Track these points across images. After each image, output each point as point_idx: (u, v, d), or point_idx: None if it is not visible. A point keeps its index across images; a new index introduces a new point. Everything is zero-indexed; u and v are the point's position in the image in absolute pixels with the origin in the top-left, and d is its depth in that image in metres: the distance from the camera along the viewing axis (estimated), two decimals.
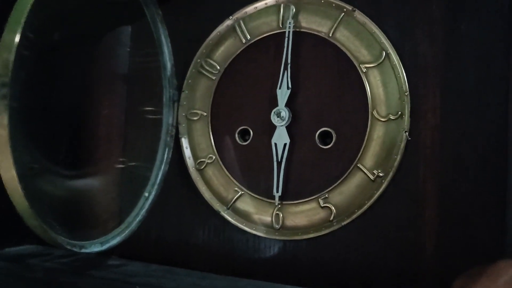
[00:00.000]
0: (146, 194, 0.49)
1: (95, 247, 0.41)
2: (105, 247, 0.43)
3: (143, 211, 0.48)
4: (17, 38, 0.32)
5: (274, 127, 0.48)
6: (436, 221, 0.43)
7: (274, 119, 0.48)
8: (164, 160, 0.51)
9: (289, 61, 0.48)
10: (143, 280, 0.44)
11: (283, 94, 0.47)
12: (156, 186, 0.50)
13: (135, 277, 0.45)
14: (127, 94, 0.57)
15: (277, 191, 0.48)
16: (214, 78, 0.52)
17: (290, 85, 0.47)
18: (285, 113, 0.47)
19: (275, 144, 0.48)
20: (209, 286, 0.43)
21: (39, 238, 0.56)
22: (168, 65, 0.52)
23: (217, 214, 0.51)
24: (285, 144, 0.47)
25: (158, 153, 0.51)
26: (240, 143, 0.51)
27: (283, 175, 0.47)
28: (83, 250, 0.40)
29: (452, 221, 0.43)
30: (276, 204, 0.48)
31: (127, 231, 0.46)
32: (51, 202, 0.41)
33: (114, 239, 0.44)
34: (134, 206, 0.48)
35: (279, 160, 0.48)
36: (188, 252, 0.52)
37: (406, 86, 0.45)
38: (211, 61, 0.52)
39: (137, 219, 0.47)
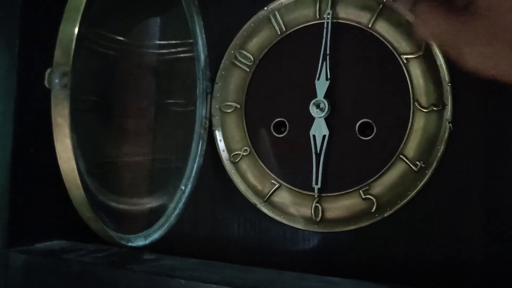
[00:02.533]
0: (183, 187, 0.48)
1: (140, 241, 0.41)
2: (148, 241, 0.42)
3: (181, 204, 0.48)
4: (76, 28, 0.31)
5: (311, 119, 0.48)
6: (481, 212, 0.43)
7: (313, 111, 0.47)
8: (199, 153, 0.51)
9: (328, 52, 0.47)
10: (184, 274, 0.43)
11: (322, 85, 0.47)
12: (191, 179, 0.49)
13: (175, 270, 0.45)
14: (156, 87, 0.56)
15: (317, 183, 0.47)
16: (248, 69, 0.52)
17: (329, 76, 0.47)
18: (324, 104, 0.47)
19: (314, 136, 0.47)
20: (254, 278, 0.42)
21: (67, 234, 0.56)
22: (202, 56, 0.51)
23: (253, 207, 0.50)
24: (324, 136, 0.47)
25: (192, 146, 0.51)
26: (276, 135, 0.50)
27: (323, 167, 0.47)
28: (129, 244, 0.39)
29: (497, 212, 0.43)
30: (316, 196, 0.47)
31: (167, 225, 0.45)
32: (99, 196, 0.40)
33: (156, 233, 0.43)
34: (172, 200, 0.47)
35: (318, 152, 0.47)
36: (223, 246, 0.52)
37: (448, 76, 0.44)
38: (245, 53, 0.52)
39: (175, 213, 0.47)
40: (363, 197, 0.46)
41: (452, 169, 0.44)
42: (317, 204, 0.48)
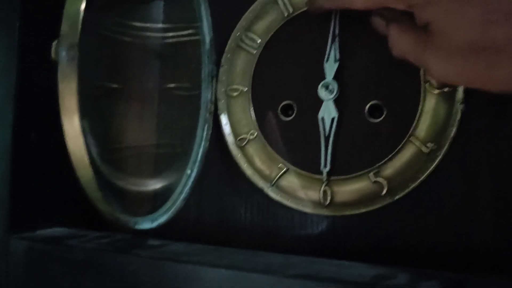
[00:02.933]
0: (189, 172, 0.47)
1: (146, 224, 0.40)
2: (155, 224, 0.41)
3: (187, 189, 0.47)
4: (83, 4, 0.30)
5: (319, 101, 0.47)
6: (493, 196, 0.43)
7: (322, 93, 0.46)
8: (204, 137, 0.50)
9: (337, 32, 0.46)
10: (192, 259, 0.43)
11: (331, 67, 0.46)
12: (197, 164, 0.48)
13: (182, 255, 0.44)
14: (160, 70, 0.55)
15: (325, 166, 0.46)
16: (254, 52, 0.51)
17: (338, 58, 0.46)
18: (333, 86, 0.46)
19: (322, 118, 0.47)
20: (263, 262, 0.41)
21: (69, 221, 0.55)
22: (207, 38, 0.50)
23: (260, 191, 0.49)
24: (333, 118, 0.46)
25: (197, 130, 0.50)
26: (283, 118, 0.49)
27: (331, 150, 0.46)
28: (136, 226, 0.38)
29: (509, 196, 0.42)
30: (324, 179, 0.47)
31: (173, 209, 0.44)
32: (106, 177, 0.39)
33: (162, 217, 0.42)
34: (178, 184, 0.46)
35: (327, 134, 0.46)
36: (229, 231, 0.51)
37: None
38: (252, 35, 0.51)
39: (182, 197, 0.46)
40: (373, 180, 0.45)
41: (464, 152, 0.43)
42: (326, 188, 0.47)
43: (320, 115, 0.46)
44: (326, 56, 0.46)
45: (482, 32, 0.31)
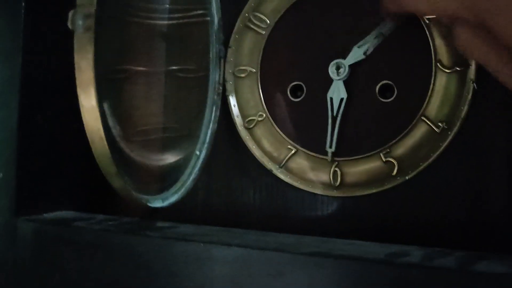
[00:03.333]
0: (198, 153, 0.47)
1: (157, 203, 0.40)
2: (166, 203, 0.41)
3: (196, 170, 0.46)
4: None
5: (329, 82, 0.47)
6: (505, 174, 0.42)
7: (333, 73, 0.46)
8: (212, 119, 0.49)
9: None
10: (204, 238, 0.42)
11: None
12: (206, 145, 0.48)
13: (193, 235, 0.43)
14: (166, 52, 0.54)
15: (330, 147, 0.46)
16: (263, 32, 0.50)
17: None
18: (344, 66, 0.46)
19: (331, 98, 0.46)
20: (275, 242, 0.41)
21: (75, 205, 0.54)
22: (216, 19, 0.50)
23: (269, 173, 0.49)
24: (341, 99, 0.46)
25: (205, 112, 0.49)
26: (292, 99, 0.49)
27: (338, 131, 0.46)
28: (148, 204, 0.38)
29: None
30: (329, 160, 0.46)
31: (183, 189, 0.44)
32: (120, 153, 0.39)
33: (173, 196, 0.42)
34: (187, 165, 0.46)
35: (335, 115, 0.46)
36: (238, 213, 0.51)
37: None
38: (260, 15, 0.50)
39: (191, 178, 0.45)
40: (384, 160, 0.45)
41: (475, 130, 0.43)
42: (336, 169, 0.47)
43: (329, 95, 0.46)
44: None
45: None
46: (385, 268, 0.35)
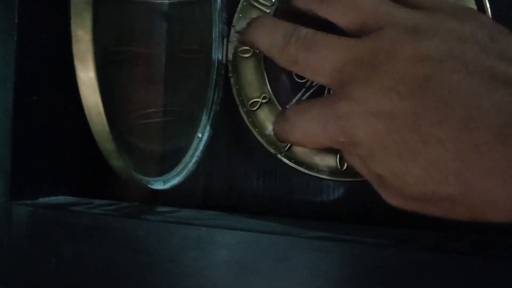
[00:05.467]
0: (200, 135, 0.45)
1: (159, 185, 0.38)
2: (167, 185, 0.39)
3: (198, 152, 0.45)
4: None
5: None
6: None
7: None
8: (215, 101, 0.48)
9: None
10: (206, 223, 0.41)
11: None
12: (208, 127, 0.46)
13: (195, 220, 0.42)
14: (167, 32, 0.53)
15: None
16: (268, 10, 0.48)
17: None
18: None
19: None
20: (281, 226, 0.40)
21: (72, 190, 0.52)
22: None
23: (272, 157, 0.48)
24: None
25: (207, 93, 0.48)
26: (298, 80, 0.47)
27: None
28: (149, 186, 0.36)
29: None
30: None
31: (185, 171, 0.42)
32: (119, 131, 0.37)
33: (175, 179, 0.40)
34: (189, 148, 0.44)
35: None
36: (240, 199, 0.49)
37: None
38: None
39: (193, 160, 0.44)
40: None
41: None
42: None
43: None
44: None
45: (430, 189, 0.30)
46: (395, 252, 0.34)
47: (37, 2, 0.46)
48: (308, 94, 0.45)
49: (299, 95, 0.45)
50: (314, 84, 0.45)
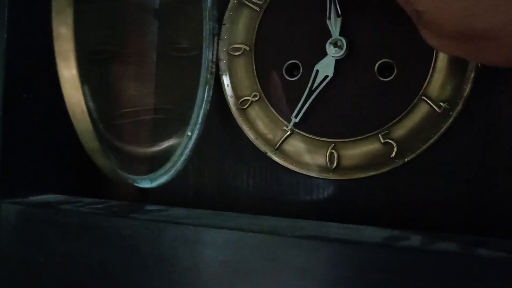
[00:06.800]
0: (189, 133, 0.45)
1: (145, 183, 0.38)
2: (154, 184, 0.39)
3: (187, 151, 0.44)
4: None
5: None
6: (509, 157, 0.41)
7: (330, 50, 0.44)
8: (205, 99, 0.47)
9: None
10: (194, 221, 0.40)
11: (334, 23, 0.44)
12: (198, 126, 0.46)
13: (184, 219, 0.42)
14: (157, 30, 0.52)
15: (296, 117, 0.45)
16: (258, 9, 0.48)
17: (340, 13, 0.44)
18: (342, 42, 0.44)
19: (317, 71, 0.44)
20: (269, 225, 0.39)
21: (61, 188, 0.52)
22: None
23: (263, 155, 0.47)
24: (326, 76, 0.44)
25: (198, 92, 0.47)
26: (288, 78, 0.47)
27: (309, 105, 0.45)
28: (136, 184, 0.36)
29: None
30: (288, 129, 0.45)
31: (173, 170, 0.42)
32: (104, 130, 0.37)
33: (162, 177, 0.40)
34: (178, 146, 0.44)
35: (313, 88, 0.44)
36: (231, 197, 0.49)
37: None
38: None
39: (182, 158, 0.43)
40: (383, 141, 0.43)
41: (479, 111, 0.41)
42: (332, 151, 0.45)
43: (317, 66, 0.44)
44: (327, 13, 0.44)
45: (467, 24, 0.30)
46: (383, 252, 0.33)
47: (26, 2, 0.46)
48: (312, 97, 0.45)
49: (303, 98, 0.45)
50: (317, 87, 0.45)
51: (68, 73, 0.27)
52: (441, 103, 0.42)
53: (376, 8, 0.44)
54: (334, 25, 0.44)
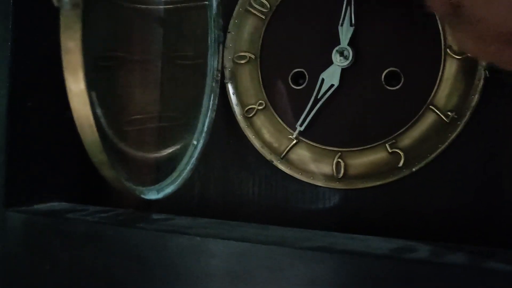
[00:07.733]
0: (195, 142, 0.45)
1: (152, 194, 0.38)
2: (161, 194, 0.39)
3: (193, 160, 0.44)
4: None
5: None
6: None
7: (336, 59, 0.44)
8: (210, 107, 0.47)
9: None
10: (199, 231, 0.40)
11: (345, 31, 0.44)
12: (204, 134, 0.46)
13: (190, 228, 0.41)
14: (163, 38, 0.52)
15: (301, 126, 0.45)
16: (264, 17, 0.48)
17: (353, 22, 0.43)
18: (348, 51, 0.44)
19: (323, 79, 0.44)
20: (275, 235, 0.39)
21: (67, 197, 0.52)
22: (214, 3, 0.47)
23: (269, 164, 0.47)
24: (331, 85, 0.44)
25: (203, 100, 0.47)
26: (294, 87, 0.47)
27: (314, 114, 0.45)
28: (142, 196, 0.36)
29: None
30: (293, 137, 0.45)
31: (179, 179, 0.42)
32: (111, 141, 0.37)
33: (169, 187, 0.40)
34: (184, 155, 0.44)
35: (319, 97, 0.44)
36: (236, 206, 0.49)
37: None
38: None
39: (188, 168, 0.43)
40: (390, 151, 0.43)
41: (486, 120, 0.41)
42: (339, 160, 0.45)
43: (322, 75, 0.44)
44: (341, 20, 0.44)
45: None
46: (391, 264, 0.33)
47: (31, 8, 0.46)
48: (317, 106, 0.45)
49: (308, 107, 0.45)
50: (323, 95, 0.45)
51: (76, 87, 0.27)
52: (448, 112, 0.42)
53: (382, 17, 0.44)
54: (345, 34, 0.44)
